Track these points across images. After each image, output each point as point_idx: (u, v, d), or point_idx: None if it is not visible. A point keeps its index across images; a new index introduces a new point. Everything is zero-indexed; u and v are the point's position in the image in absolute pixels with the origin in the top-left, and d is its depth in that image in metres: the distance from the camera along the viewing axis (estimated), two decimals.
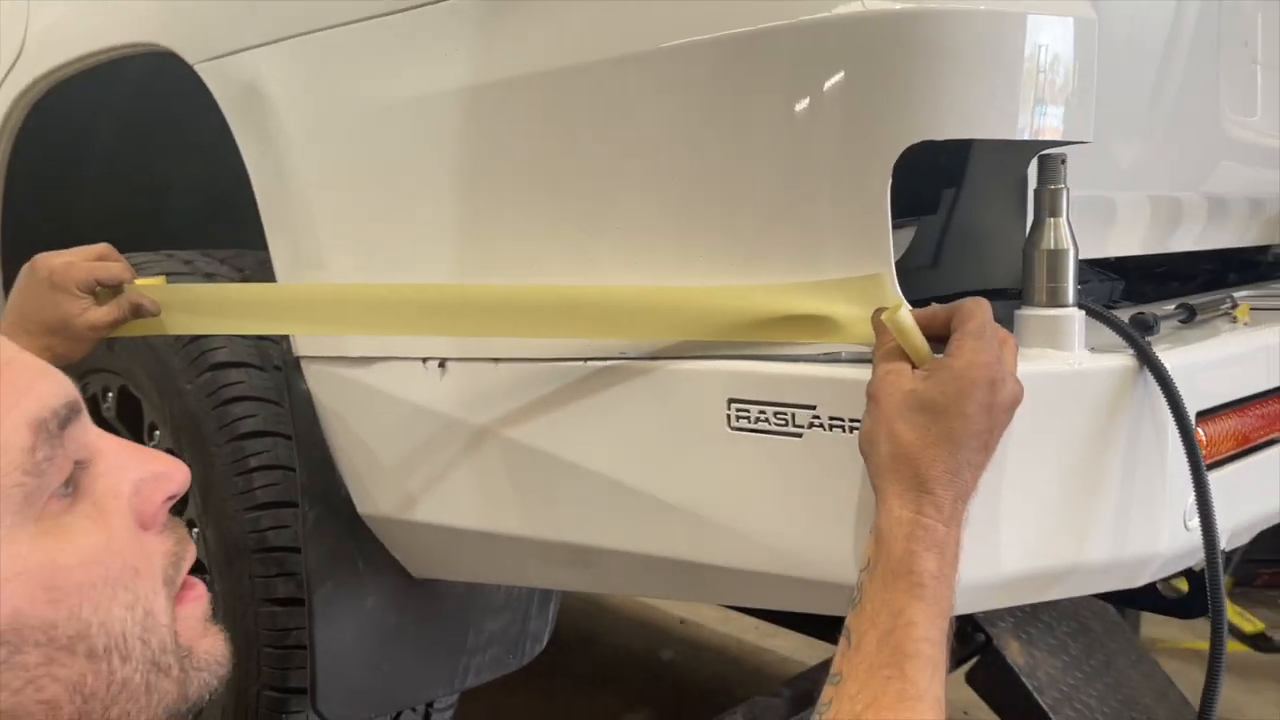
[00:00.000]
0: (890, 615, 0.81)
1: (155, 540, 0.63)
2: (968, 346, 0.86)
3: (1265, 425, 1.13)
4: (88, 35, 1.60)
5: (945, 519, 0.84)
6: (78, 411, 0.61)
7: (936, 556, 0.83)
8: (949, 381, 0.85)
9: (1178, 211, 1.49)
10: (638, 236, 1.05)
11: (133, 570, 0.60)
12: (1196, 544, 0.96)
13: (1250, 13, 1.56)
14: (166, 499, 0.64)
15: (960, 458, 0.84)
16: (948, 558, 0.84)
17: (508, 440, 1.16)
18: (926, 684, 0.78)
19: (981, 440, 0.85)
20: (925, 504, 0.84)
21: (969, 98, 0.93)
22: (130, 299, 1.26)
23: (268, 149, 1.32)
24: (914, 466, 0.85)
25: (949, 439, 0.85)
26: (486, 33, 1.13)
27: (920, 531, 0.83)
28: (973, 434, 0.85)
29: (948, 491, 0.84)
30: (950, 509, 0.84)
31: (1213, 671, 0.91)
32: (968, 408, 0.84)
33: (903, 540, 0.83)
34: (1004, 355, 0.88)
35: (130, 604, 0.59)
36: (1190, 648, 2.83)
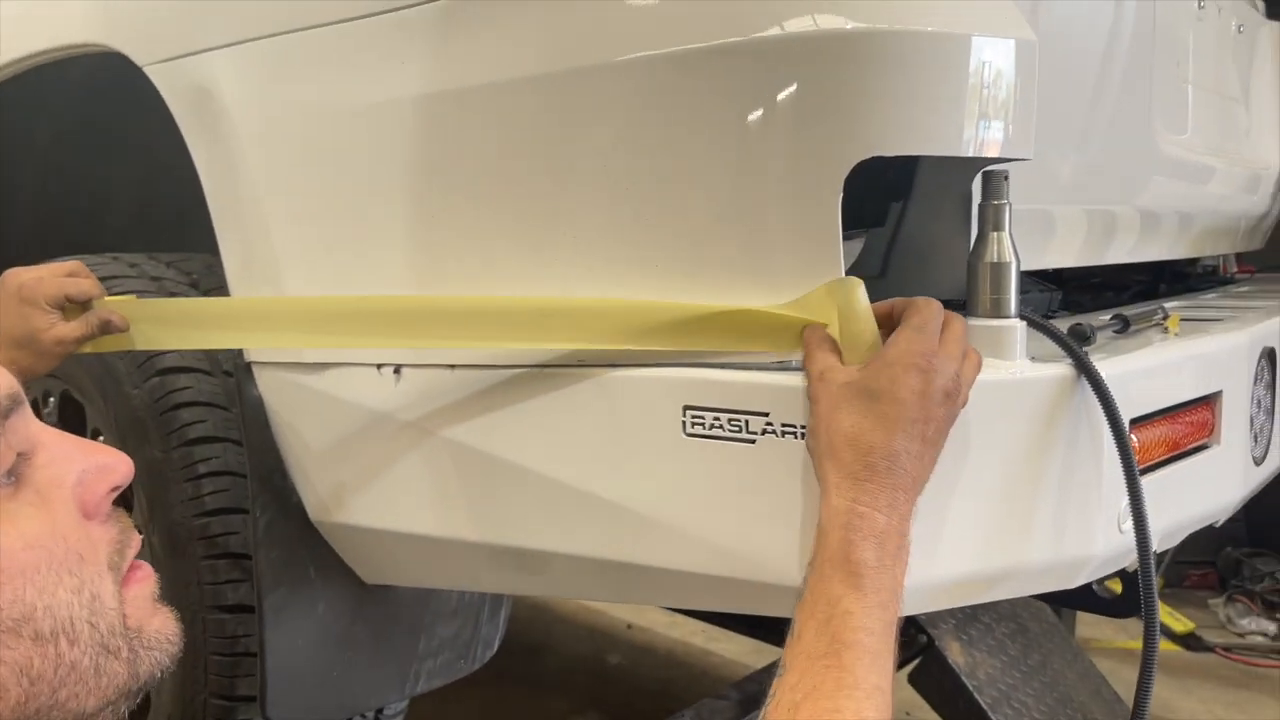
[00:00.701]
0: (827, 604, 0.81)
1: (99, 529, 0.63)
2: (904, 337, 0.89)
3: (1194, 432, 1.18)
4: (31, 35, 1.57)
5: (884, 507, 0.84)
6: (19, 403, 0.62)
7: (875, 546, 0.82)
8: (882, 369, 0.87)
9: (1113, 225, 1.54)
10: (591, 247, 1.07)
11: (77, 556, 0.61)
12: (1130, 546, 1.00)
13: (1183, 34, 1.62)
14: (110, 490, 0.65)
15: (896, 444, 0.84)
16: (888, 548, 0.83)
17: (463, 446, 1.16)
18: (864, 673, 0.78)
19: (918, 429, 0.85)
20: (861, 492, 0.84)
21: (917, 115, 0.96)
22: (99, 315, 1.26)
23: (219, 152, 1.31)
24: (850, 454, 0.85)
25: (883, 425, 0.85)
26: (442, 42, 1.14)
27: (856, 520, 0.83)
28: (907, 420, 0.85)
29: (885, 479, 0.84)
30: (889, 498, 0.84)
31: (1145, 669, 0.95)
32: (900, 392, 0.85)
33: (839, 529, 0.83)
34: (945, 354, 0.88)
35: (76, 588, 0.60)
36: (1123, 647, 2.92)
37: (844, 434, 0.86)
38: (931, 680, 1.87)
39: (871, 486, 0.84)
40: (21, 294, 1.22)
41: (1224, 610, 3.22)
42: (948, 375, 0.87)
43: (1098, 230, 1.51)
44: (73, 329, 1.25)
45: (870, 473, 0.85)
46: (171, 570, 1.41)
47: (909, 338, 0.89)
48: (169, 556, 1.41)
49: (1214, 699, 2.73)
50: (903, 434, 0.85)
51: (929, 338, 0.89)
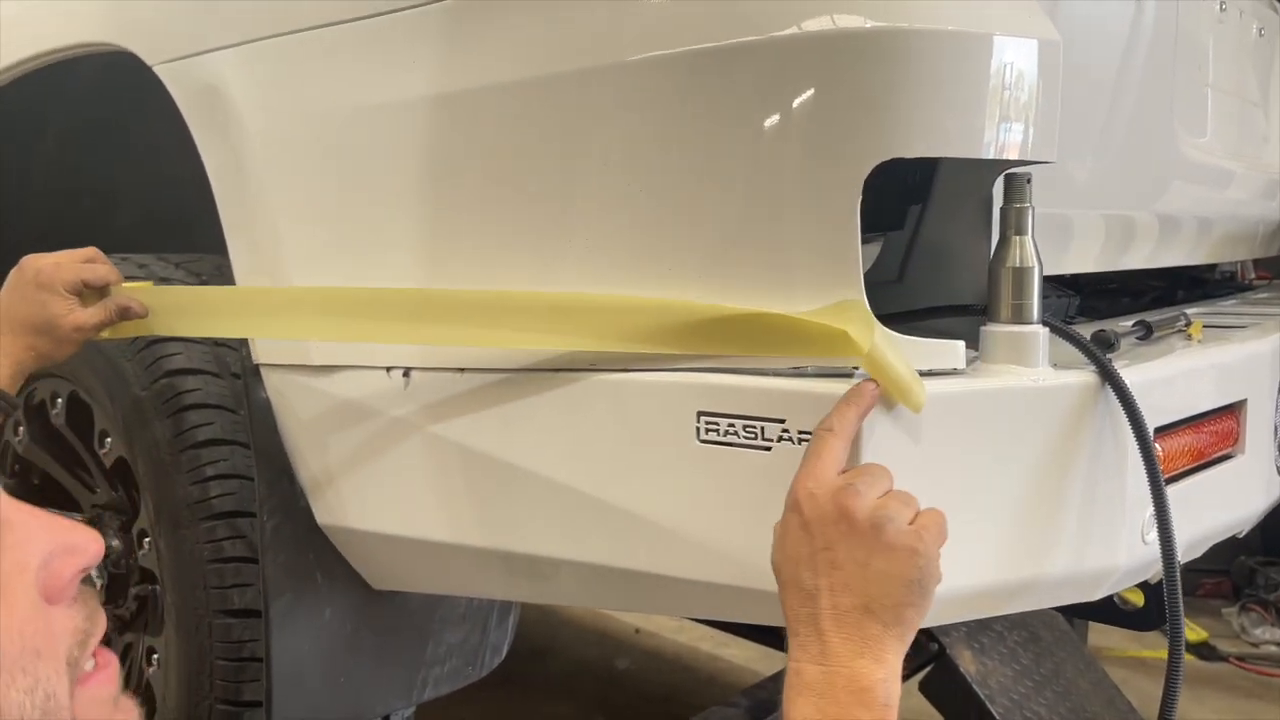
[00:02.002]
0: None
1: (63, 616, 0.59)
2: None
3: (1219, 441, 1.16)
4: (42, 35, 1.56)
5: (815, 657, 0.77)
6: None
7: (811, 699, 0.76)
8: (784, 513, 0.82)
9: (1132, 229, 1.52)
10: (603, 250, 1.05)
11: (34, 652, 0.56)
12: (1154, 557, 0.98)
13: (1203, 37, 1.60)
14: (77, 573, 0.60)
15: (804, 585, 0.79)
16: (835, 694, 0.75)
17: (472, 451, 1.15)
18: None
19: (817, 562, 0.79)
20: (791, 647, 0.79)
21: (937, 116, 0.94)
22: (117, 301, 1.26)
23: (229, 152, 1.30)
24: (782, 609, 0.80)
25: (787, 568, 0.80)
26: (453, 41, 1.12)
27: (791, 678, 0.78)
28: (802, 558, 0.79)
29: (808, 627, 0.78)
30: (819, 646, 0.77)
31: (1171, 682, 0.93)
32: (787, 539, 0.81)
33: (784, 688, 0.79)
34: (814, 479, 0.81)
35: (30, 688, 0.55)
36: (1136, 656, 2.89)
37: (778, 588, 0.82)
38: (942, 688, 1.86)
39: (794, 641, 0.79)
40: (39, 280, 1.22)
41: (1238, 619, 3.19)
42: (828, 495, 0.80)
43: (1116, 235, 1.49)
44: (91, 315, 1.25)
45: (791, 628, 0.79)
46: (177, 574, 1.39)
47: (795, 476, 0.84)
48: (174, 560, 1.40)
49: (1227, 709, 2.70)
50: (802, 572, 0.79)
51: (807, 466, 0.83)
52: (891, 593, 0.77)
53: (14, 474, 1.74)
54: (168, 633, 1.44)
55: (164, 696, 1.46)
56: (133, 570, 1.51)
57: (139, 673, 1.54)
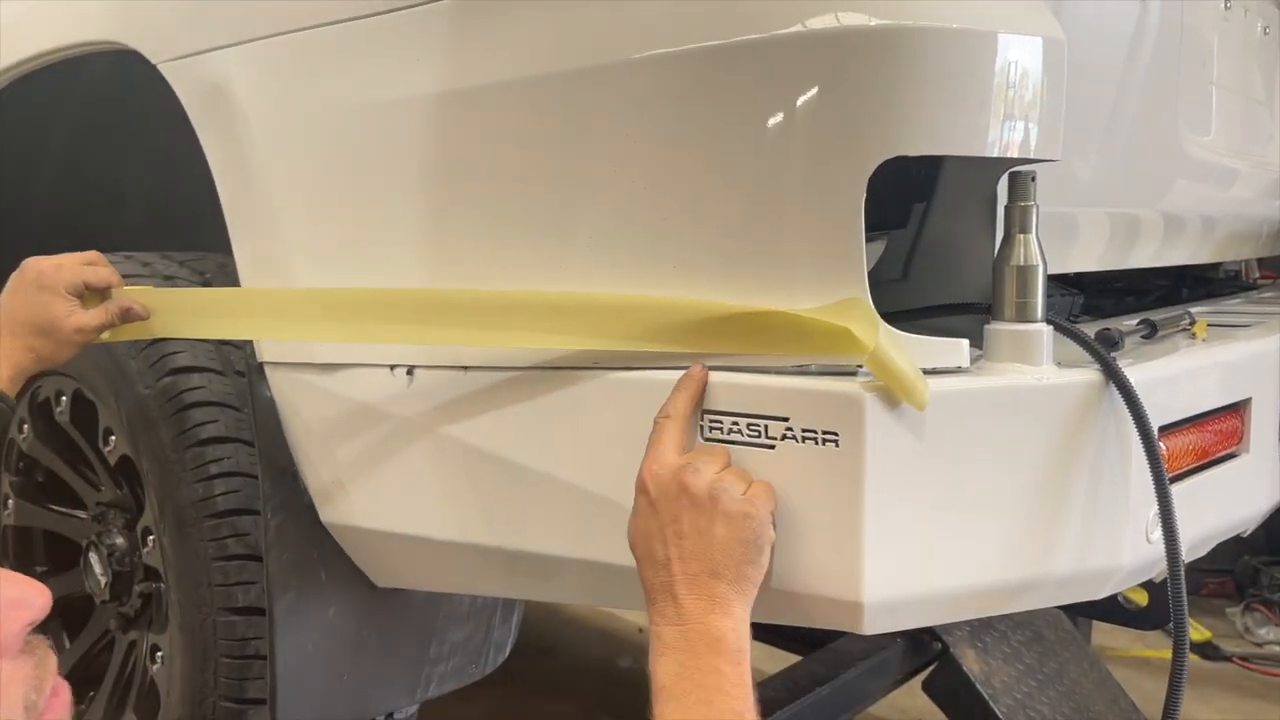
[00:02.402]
0: (656, 717, 0.85)
1: (12, 666, 0.60)
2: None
3: (1223, 440, 1.16)
4: (46, 33, 1.56)
5: (672, 619, 0.86)
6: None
7: (672, 657, 0.85)
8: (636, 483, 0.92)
9: (1136, 228, 1.52)
10: (608, 247, 1.05)
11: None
12: (1158, 556, 0.98)
13: (1208, 35, 1.60)
14: (24, 627, 0.61)
15: (656, 557, 0.88)
16: (692, 649, 0.84)
17: (475, 449, 1.15)
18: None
19: (666, 534, 0.88)
20: (650, 615, 0.87)
21: (942, 115, 0.94)
22: (119, 303, 1.27)
23: (233, 150, 1.30)
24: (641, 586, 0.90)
25: (640, 546, 0.90)
26: (457, 39, 1.12)
27: (652, 643, 0.87)
28: (652, 535, 0.89)
29: (663, 594, 0.87)
30: (674, 609, 0.86)
31: (1175, 682, 0.93)
32: (639, 518, 0.91)
33: (649, 654, 0.87)
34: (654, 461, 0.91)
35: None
36: (1140, 656, 2.89)
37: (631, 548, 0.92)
38: (945, 687, 1.85)
39: (653, 609, 0.87)
40: (40, 281, 1.23)
41: (1241, 619, 3.18)
42: (668, 475, 0.90)
43: (1121, 234, 1.48)
44: (93, 316, 1.25)
45: (649, 598, 0.88)
46: (182, 571, 1.40)
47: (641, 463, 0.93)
48: (179, 558, 1.40)
49: (1231, 709, 2.70)
50: (653, 547, 0.89)
51: (650, 453, 0.92)
52: (732, 554, 0.87)
53: (19, 471, 1.75)
54: (172, 630, 1.44)
55: (168, 693, 1.47)
56: (137, 567, 1.52)
57: (143, 670, 1.54)
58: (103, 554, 1.53)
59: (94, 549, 1.54)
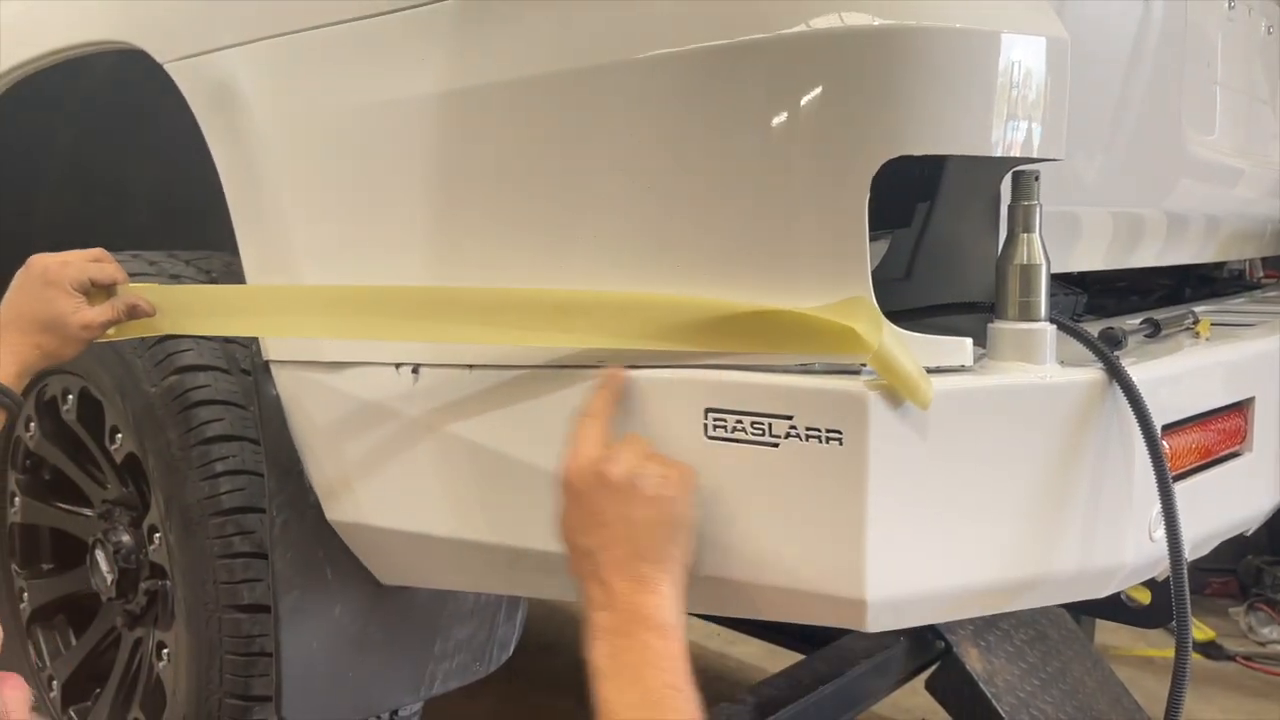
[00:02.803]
0: (596, 705, 0.89)
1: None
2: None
3: (1226, 439, 1.16)
4: (54, 33, 1.57)
5: (603, 604, 0.91)
6: None
7: (605, 639, 0.90)
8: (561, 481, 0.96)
9: (1140, 227, 1.52)
10: (611, 246, 1.05)
11: None
12: (1161, 554, 0.98)
13: (1212, 35, 1.60)
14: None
15: (582, 547, 0.93)
16: (623, 629, 0.89)
17: (481, 447, 1.16)
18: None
19: (588, 525, 0.93)
20: (584, 602, 0.91)
21: (945, 114, 0.94)
22: (125, 299, 1.27)
23: (239, 149, 1.30)
24: (570, 567, 0.94)
25: (569, 539, 0.94)
26: (463, 38, 1.13)
27: (588, 629, 0.91)
28: (577, 528, 0.94)
29: (592, 581, 0.91)
30: (604, 594, 0.91)
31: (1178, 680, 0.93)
32: (565, 514, 0.96)
33: (586, 641, 0.92)
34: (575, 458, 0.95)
35: None
36: (1143, 655, 2.89)
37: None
38: (948, 686, 1.86)
39: (586, 599, 0.92)
40: (46, 278, 1.23)
41: (1245, 619, 3.18)
42: (588, 468, 0.94)
43: (1124, 233, 1.49)
44: (99, 313, 1.26)
45: (583, 589, 0.93)
46: (187, 569, 1.40)
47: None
48: (184, 555, 1.40)
49: (1235, 708, 2.70)
50: (580, 539, 0.94)
51: (570, 452, 0.96)
52: (655, 536, 0.92)
53: (26, 469, 1.75)
54: (178, 627, 1.45)
55: (174, 690, 1.47)
56: (143, 565, 1.52)
57: (149, 667, 1.55)
58: (109, 551, 1.54)
59: (100, 546, 1.55)
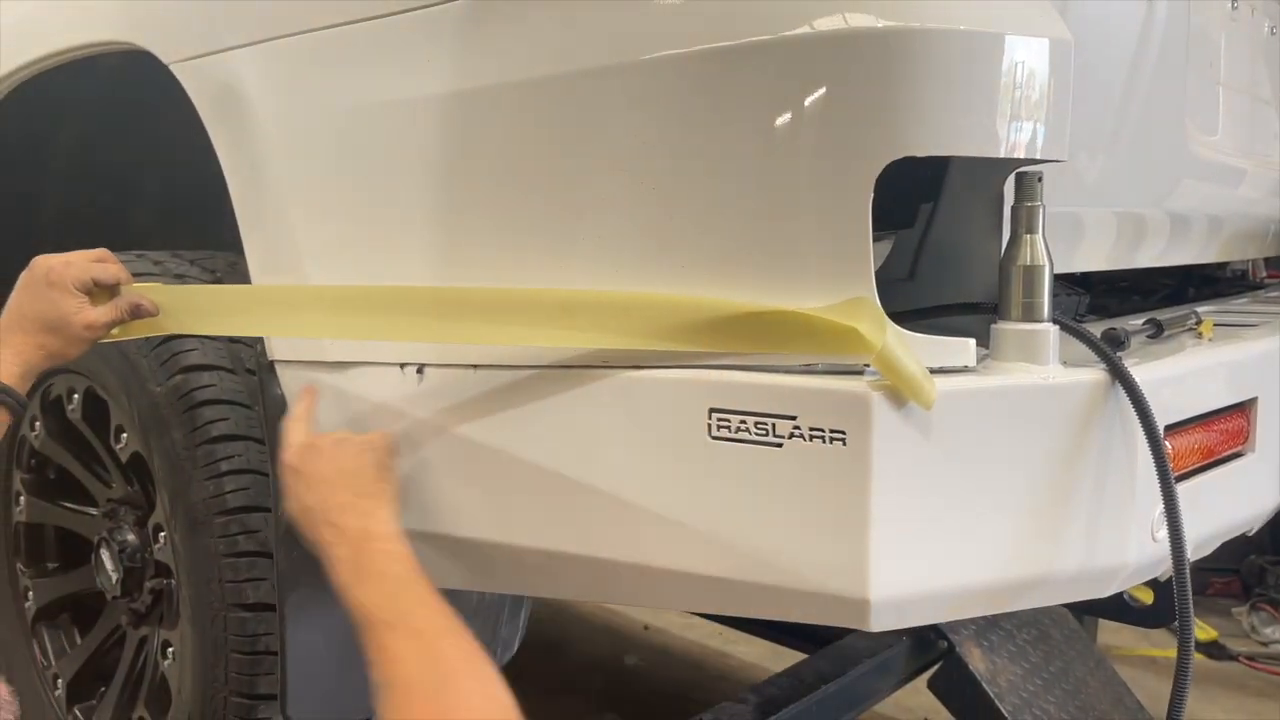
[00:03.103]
0: (352, 613, 1.06)
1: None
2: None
3: (1229, 439, 1.16)
4: (59, 33, 1.57)
5: (337, 540, 1.08)
6: None
7: (345, 567, 1.06)
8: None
9: (1142, 228, 1.52)
10: (615, 247, 1.06)
11: None
12: (1163, 555, 0.99)
13: (1215, 35, 1.60)
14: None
15: (312, 505, 1.12)
16: (362, 547, 1.07)
17: (484, 446, 1.16)
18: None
19: (310, 493, 1.13)
20: (325, 558, 1.08)
21: (949, 115, 0.95)
22: (128, 299, 1.28)
23: (245, 150, 1.31)
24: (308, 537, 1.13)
25: (298, 511, 1.15)
26: (467, 40, 1.13)
27: (334, 568, 1.08)
28: (301, 498, 1.13)
29: (324, 529, 1.10)
30: (335, 534, 1.09)
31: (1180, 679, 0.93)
32: (289, 483, 1.15)
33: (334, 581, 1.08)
34: (292, 436, 1.17)
35: None
36: (1145, 655, 2.89)
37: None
38: (951, 686, 1.86)
39: (323, 546, 1.09)
40: (50, 278, 1.24)
41: (1247, 619, 3.18)
42: (302, 446, 1.16)
43: (1127, 233, 1.49)
44: (102, 313, 1.26)
45: (314, 537, 1.11)
46: (192, 568, 1.41)
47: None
48: (189, 554, 1.41)
49: (1237, 708, 2.70)
50: (300, 510, 1.14)
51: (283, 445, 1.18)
52: (367, 476, 1.13)
53: (31, 469, 1.76)
54: (183, 626, 1.45)
55: (179, 689, 1.48)
56: (148, 564, 1.52)
57: (154, 665, 1.55)
58: (114, 550, 1.54)
59: (105, 545, 1.55)
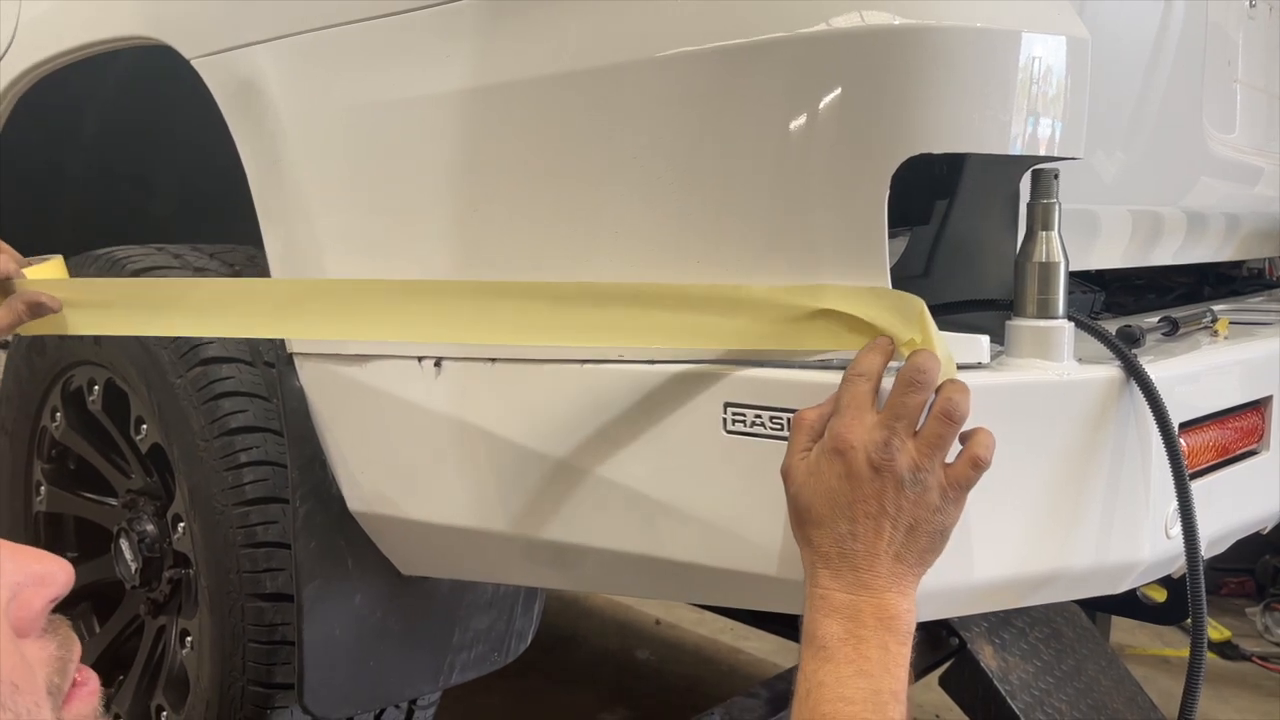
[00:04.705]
0: (805, 679, 0.84)
1: (36, 648, 0.57)
2: (831, 419, 0.88)
3: (1243, 437, 1.16)
4: (81, 28, 1.58)
5: (845, 587, 0.85)
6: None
7: (839, 621, 0.84)
8: (818, 453, 0.88)
9: (1159, 226, 1.52)
10: (632, 244, 1.06)
11: (11, 687, 0.54)
12: (1177, 552, 0.99)
13: (1233, 33, 1.60)
14: (47, 604, 0.58)
15: (841, 529, 0.85)
16: (863, 619, 0.84)
17: (502, 440, 1.17)
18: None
19: (856, 510, 0.85)
20: (817, 575, 0.86)
21: (965, 112, 0.95)
22: (24, 299, 1.18)
23: (264, 144, 1.32)
24: (803, 539, 0.88)
25: (819, 510, 0.86)
26: (486, 37, 1.14)
27: (816, 601, 0.86)
28: (841, 505, 0.85)
29: (838, 563, 0.85)
30: (850, 578, 0.85)
31: (1193, 677, 0.93)
32: (827, 480, 0.86)
33: (808, 610, 0.87)
34: (866, 428, 0.86)
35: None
36: (1158, 654, 2.89)
37: (795, 518, 0.89)
38: (963, 684, 1.86)
39: (825, 571, 0.86)
40: None
41: (1261, 619, 3.17)
42: (872, 449, 0.85)
43: (1143, 231, 1.49)
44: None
45: (822, 559, 0.86)
46: (210, 559, 1.42)
47: (833, 420, 0.88)
48: (208, 545, 1.42)
49: (1250, 709, 2.69)
50: (840, 518, 0.86)
51: (850, 416, 0.87)
52: (920, 541, 0.85)
53: (51, 459, 1.78)
54: (201, 615, 1.47)
55: (198, 677, 1.49)
56: (167, 554, 1.54)
57: (173, 654, 1.57)
58: (133, 540, 1.56)
59: (124, 535, 1.57)
